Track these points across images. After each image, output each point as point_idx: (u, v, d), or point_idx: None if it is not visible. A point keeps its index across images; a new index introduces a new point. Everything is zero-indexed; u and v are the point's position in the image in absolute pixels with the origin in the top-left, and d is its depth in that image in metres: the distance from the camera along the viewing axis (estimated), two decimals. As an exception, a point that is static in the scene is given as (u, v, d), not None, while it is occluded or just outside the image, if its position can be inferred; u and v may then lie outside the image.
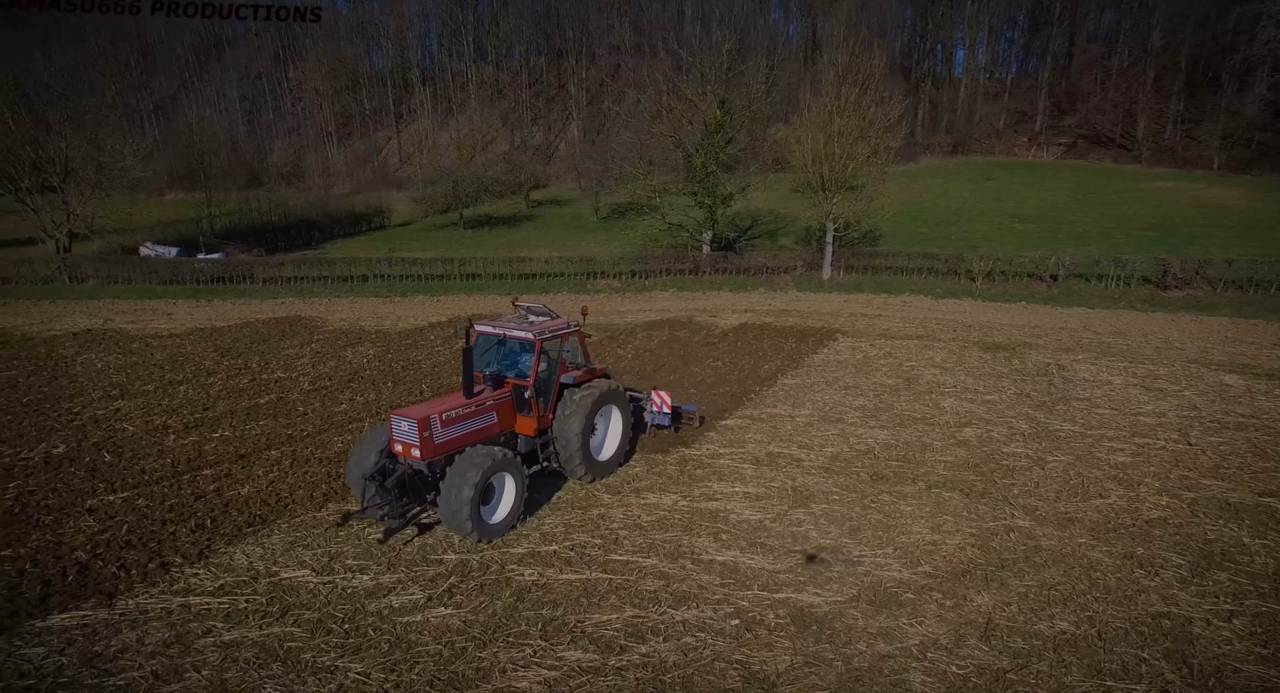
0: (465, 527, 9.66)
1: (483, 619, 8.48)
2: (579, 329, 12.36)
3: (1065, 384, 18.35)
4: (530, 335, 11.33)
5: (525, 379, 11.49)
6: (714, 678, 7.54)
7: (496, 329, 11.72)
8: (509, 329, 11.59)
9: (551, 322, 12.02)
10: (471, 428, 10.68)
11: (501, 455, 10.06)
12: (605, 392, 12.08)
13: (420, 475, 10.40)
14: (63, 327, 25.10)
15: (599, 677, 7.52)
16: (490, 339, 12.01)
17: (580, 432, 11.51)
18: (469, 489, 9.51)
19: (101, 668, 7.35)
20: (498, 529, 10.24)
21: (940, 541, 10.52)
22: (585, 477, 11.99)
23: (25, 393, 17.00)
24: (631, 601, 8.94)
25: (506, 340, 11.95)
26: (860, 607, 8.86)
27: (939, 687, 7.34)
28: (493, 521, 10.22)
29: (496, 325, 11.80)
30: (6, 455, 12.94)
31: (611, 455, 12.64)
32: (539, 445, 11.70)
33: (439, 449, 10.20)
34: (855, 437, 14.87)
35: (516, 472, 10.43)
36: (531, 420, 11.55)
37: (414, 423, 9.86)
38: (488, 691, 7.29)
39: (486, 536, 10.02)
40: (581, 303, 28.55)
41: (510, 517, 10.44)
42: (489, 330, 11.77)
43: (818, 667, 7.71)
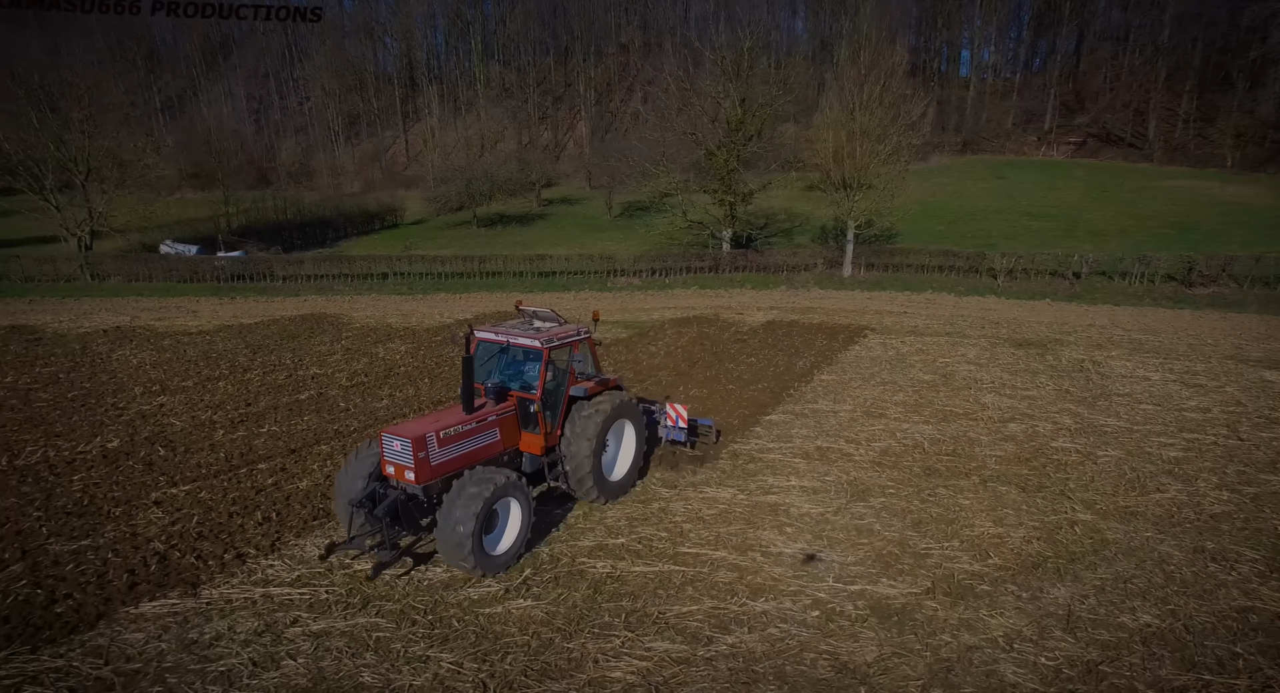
0: (466, 561, 8.57)
1: (564, 611, 8.50)
2: (589, 336, 11.19)
3: (1103, 380, 18.34)
4: (537, 343, 10.16)
5: (531, 392, 10.37)
6: (805, 668, 7.55)
7: (499, 336, 10.60)
8: (513, 336, 10.48)
9: (560, 328, 10.89)
10: (472, 447, 9.61)
11: (505, 479, 8.96)
12: (618, 405, 10.93)
13: (415, 501, 9.12)
14: (91, 324, 25.12)
15: (690, 667, 7.53)
16: (491, 347, 10.88)
17: (592, 450, 10.41)
18: (470, 518, 8.44)
19: (200, 654, 7.39)
20: (502, 561, 9.10)
21: (1004, 534, 10.53)
22: (597, 499, 10.91)
23: (69, 388, 17.02)
24: (708, 592, 8.95)
25: (510, 348, 10.86)
26: (937, 599, 8.87)
27: (1031, 678, 7.35)
28: (496, 552, 9.09)
29: (499, 332, 10.67)
30: (65, 449, 12.96)
31: (625, 475, 11.49)
32: (546, 464, 10.68)
33: (436, 471, 9.12)
34: (901, 432, 14.87)
35: (523, 497, 9.33)
36: (538, 438, 10.47)
37: (408, 442, 8.78)
38: (582, 681, 7.30)
39: (489, 569, 8.88)
40: (601, 302, 28.69)
41: (516, 546, 9.35)
42: (490, 337, 10.63)
43: (906, 657, 7.72)
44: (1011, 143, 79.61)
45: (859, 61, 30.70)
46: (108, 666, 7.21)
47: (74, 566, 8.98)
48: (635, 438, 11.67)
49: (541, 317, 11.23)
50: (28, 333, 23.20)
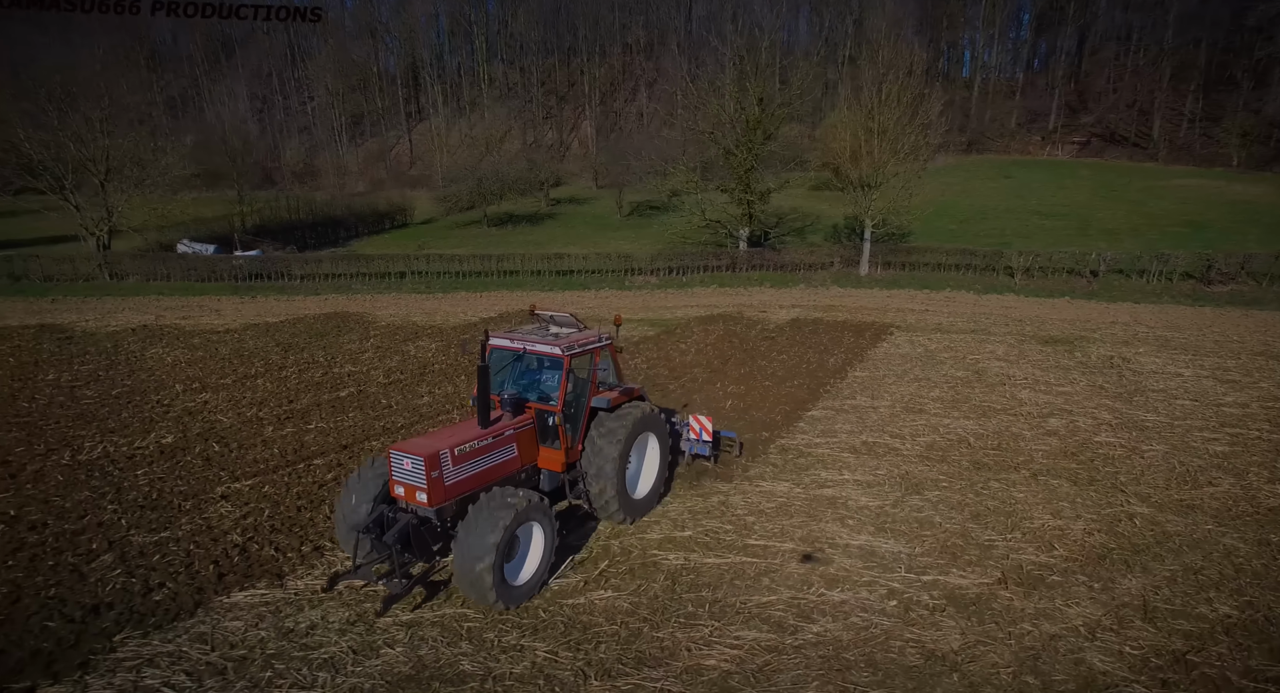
0: (487, 595, 7.79)
1: (646, 601, 8.60)
2: (611, 343, 10.41)
3: (1135, 376, 18.49)
4: (558, 350, 9.41)
5: (551, 403, 9.63)
6: (894, 656, 7.66)
7: (515, 343, 9.75)
8: (530, 343, 9.66)
9: (580, 333, 10.11)
10: (488, 464, 8.85)
11: (527, 502, 8.12)
12: (643, 417, 10.18)
13: (428, 525, 8.30)
14: (117, 322, 25.15)
15: (781, 655, 7.63)
16: (504, 355, 10.03)
17: (616, 466, 9.65)
18: (490, 548, 7.60)
19: (299, 642, 7.48)
20: (524, 592, 8.30)
21: (1064, 526, 10.65)
22: (622, 520, 10.14)
23: (111, 386, 17.07)
24: (784, 583, 9.06)
25: (525, 356, 10.08)
26: (1010, 589, 8.98)
27: (1120, 666, 7.46)
28: (518, 582, 8.26)
29: (515, 338, 9.84)
30: (122, 445, 13.03)
31: (648, 492, 10.78)
32: (566, 482, 9.96)
33: (450, 492, 8.36)
34: (943, 427, 14.99)
35: (547, 521, 8.49)
36: (558, 453, 9.69)
37: (420, 460, 8.00)
38: (678, 668, 7.40)
39: (510, 601, 8.08)
40: (622, 300, 28.83)
41: (539, 574, 8.50)
42: (505, 344, 9.80)
43: (991, 645, 7.83)
44: (1016, 142, 80.00)
45: (877, 61, 30.79)
46: (214, 652, 7.32)
47: (159, 556, 9.07)
48: (659, 452, 10.92)
49: (560, 321, 10.42)
50: (58, 332, 23.23)
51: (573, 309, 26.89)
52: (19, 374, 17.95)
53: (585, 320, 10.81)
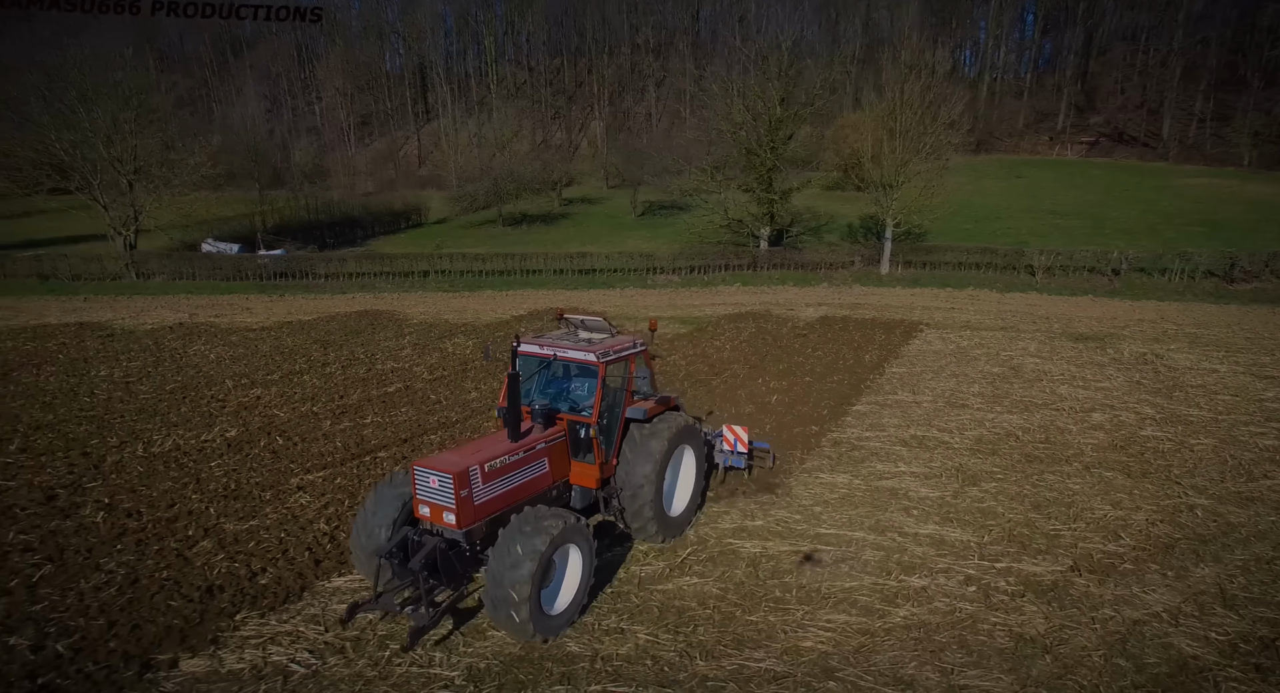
0: (524, 628, 7.08)
1: (733, 587, 8.81)
2: (646, 349, 9.76)
3: (1171, 373, 18.70)
4: (592, 357, 8.73)
5: (583, 413, 9.00)
6: (984, 638, 7.86)
7: (545, 348, 9.09)
8: (561, 349, 9.02)
9: (614, 339, 9.45)
10: (519, 481, 8.17)
11: (564, 523, 7.39)
12: (681, 429, 9.51)
13: (456, 548, 7.57)
14: (152, 320, 25.38)
15: (874, 637, 7.84)
16: (530, 361, 9.33)
17: (654, 482, 8.98)
18: (525, 576, 6.91)
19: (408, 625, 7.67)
20: (561, 621, 7.59)
21: (1126, 517, 10.85)
22: (659, 540, 9.49)
23: (164, 381, 17.29)
24: (863, 570, 9.27)
25: (553, 363, 9.47)
26: (1084, 576, 9.18)
27: (1209, 651, 7.65)
28: (554, 611, 7.55)
29: (545, 343, 9.20)
30: (190, 438, 13.25)
31: (684, 509, 10.06)
32: (601, 499, 9.32)
33: (480, 512, 7.66)
34: (989, 421, 15.20)
35: (585, 544, 7.79)
36: (592, 468, 9.01)
37: (448, 478, 7.28)
38: (778, 649, 7.61)
39: (546, 632, 7.35)
40: (647, 299, 29.01)
41: (577, 600, 7.79)
42: (535, 350, 9.11)
43: (1077, 629, 8.03)
44: (1025, 142, 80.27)
45: (900, 61, 31.01)
46: (328, 632, 7.54)
47: (254, 543, 9.29)
48: (695, 466, 10.23)
49: (591, 326, 9.71)
50: (98, 329, 23.46)
51: (600, 308, 27.26)
52: (72, 370, 18.19)
53: (616, 323, 10.44)
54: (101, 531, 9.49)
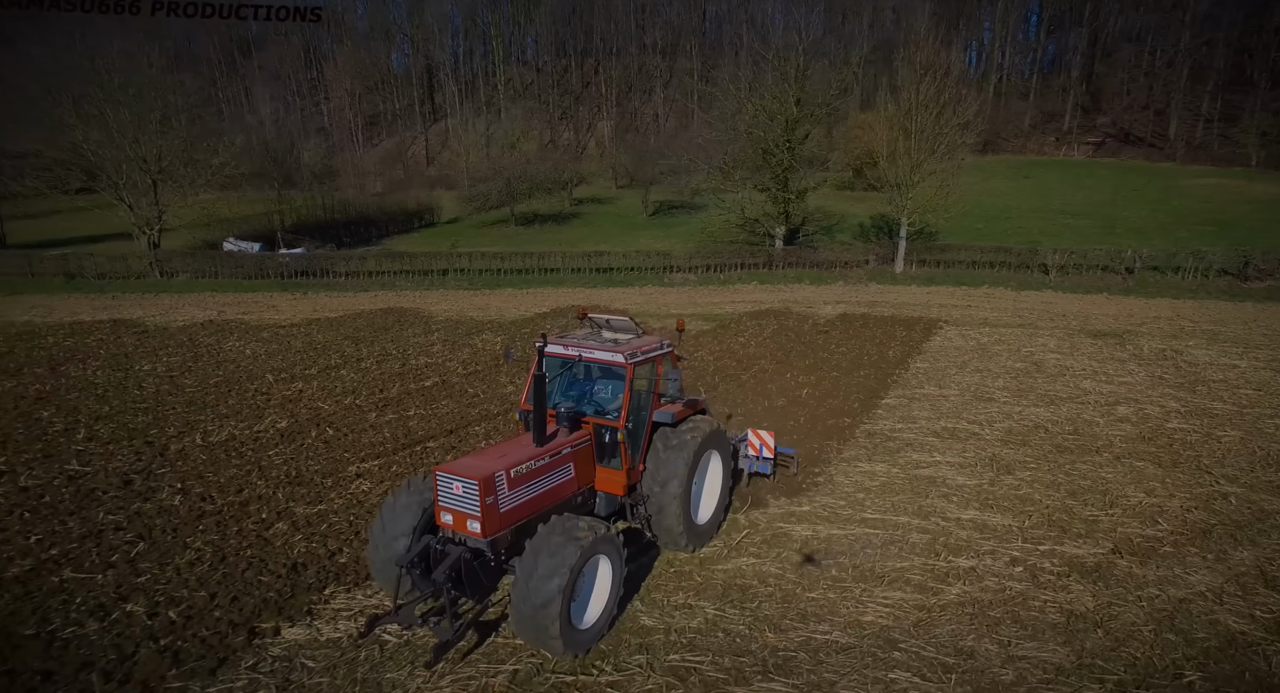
0: (552, 644, 6.74)
1: (790, 567, 9.17)
2: (673, 350, 9.45)
3: (1191, 368, 19.03)
4: (620, 358, 8.38)
5: (613, 417, 8.62)
6: (1036, 614, 8.22)
7: (570, 349, 8.72)
8: (588, 349, 8.67)
9: (641, 340, 9.11)
10: (545, 487, 7.84)
11: (594, 534, 7.07)
12: (709, 434, 9.24)
13: (481, 558, 7.27)
14: (182, 318, 25.76)
15: (931, 612, 8.20)
16: (553, 362, 8.90)
17: (683, 488, 8.68)
18: (555, 591, 6.57)
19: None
20: (590, 636, 7.21)
21: (1161, 504, 11.19)
22: (687, 549, 9.19)
23: (206, 375, 17.67)
24: (912, 551, 9.62)
25: (576, 365, 9.16)
26: (1125, 558, 9.53)
27: (1255, 627, 7.98)
28: (583, 625, 7.18)
29: (570, 344, 8.84)
30: (244, 429, 13.62)
31: (711, 516, 9.74)
32: (627, 506, 8.96)
33: (505, 520, 7.33)
34: (1016, 414, 15.54)
35: (616, 554, 7.49)
36: (618, 474, 8.70)
37: (473, 484, 6.97)
38: (841, 623, 7.97)
39: (576, 647, 7.00)
40: (667, 298, 29.25)
41: (606, 614, 7.45)
42: (560, 351, 8.72)
43: (1125, 606, 8.39)
44: (1031, 143, 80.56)
45: (915, 62, 31.38)
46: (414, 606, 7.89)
47: (326, 525, 9.66)
48: (722, 472, 9.95)
49: (616, 326, 9.38)
50: (131, 326, 23.84)
51: (620, 306, 27.60)
52: (116, 365, 18.58)
53: (640, 321, 10.28)
54: (181, 512, 9.89)
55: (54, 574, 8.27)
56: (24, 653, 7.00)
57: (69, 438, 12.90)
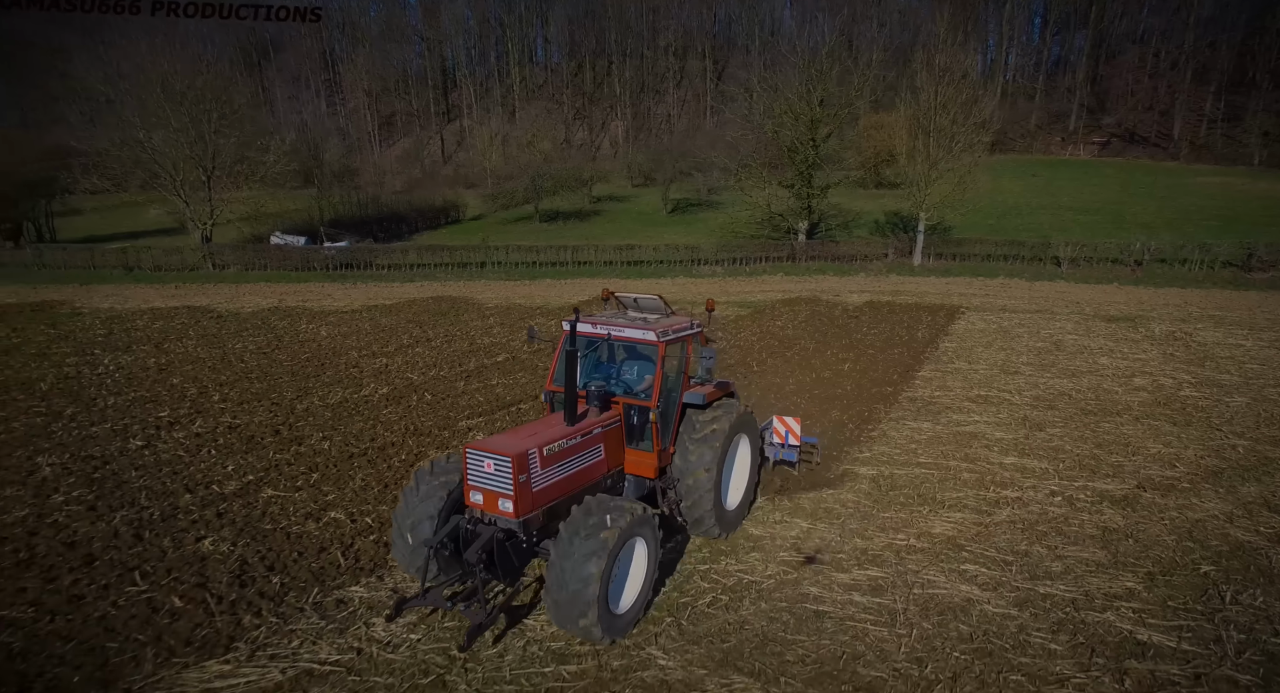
0: (591, 629, 6.46)
1: (864, 496, 10.73)
2: (703, 330, 9.19)
3: (1200, 347, 20.59)
4: (653, 336, 8.12)
5: (645, 397, 8.44)
6: (1076, 529, 9.78)
7: (599, 328, 8.44)
8: (618, 327, 8.40)
9: (670, 319, 8.89)
10: (576, 467, 7.64)
11: (632, 515, 6.85)
12: (739, 418, 9.04)
13: (513, 539, 7.09)
14: (246, 305, 27.38)
15: (988, 528, 9.76)
16: (580, 343, 8.40)
17: (714, 472, 8.46)
18: (594, 572, 6.33)
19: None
20: (626, 621, 7.01)
21: (1177, 453, 12.74)
22: (717, 534, 8.94)
23: (295, 353, 19.30)
24: (964, 486, 11.19)
25: (602, 345, 8.96)
26: (1149, 492, 11.08)
27: (1260, 539, 9.51)
28: (620, 609, 6.97)
29: (599, 323, 8.54)
30: (352, 394, 15.23)
31: (739, 502, 9.58)
32: (658, 490, 8.78)
33: (538, 500, 7.12)
34: (1041, 384, 17.12)
35: (653, 536, 7.28)
36: (649, 457, 8.50)
37: (506, 461, 6.73)
38: (913, 533, 9.53)
39: (613, 632, 6.76)
40: (700, 287, 30.82)
41: (642, 599, 7.27)
42: (588, 330, 8.42)
43: (1150, 524, 9.95)
44: (1038, 143, 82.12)
45: (935, 66, 32.96)
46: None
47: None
48: (751, 456, 9.83)
49: (645, 305, 9.12)
50: (205, 312, 25.48)
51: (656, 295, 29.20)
52: (211, 343, 20.22)
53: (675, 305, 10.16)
54: (333, 454, 11.51)
55: (259, 493, 9.92)
56: (272, 541, 8.71)
57: (207, 399, 14.54)
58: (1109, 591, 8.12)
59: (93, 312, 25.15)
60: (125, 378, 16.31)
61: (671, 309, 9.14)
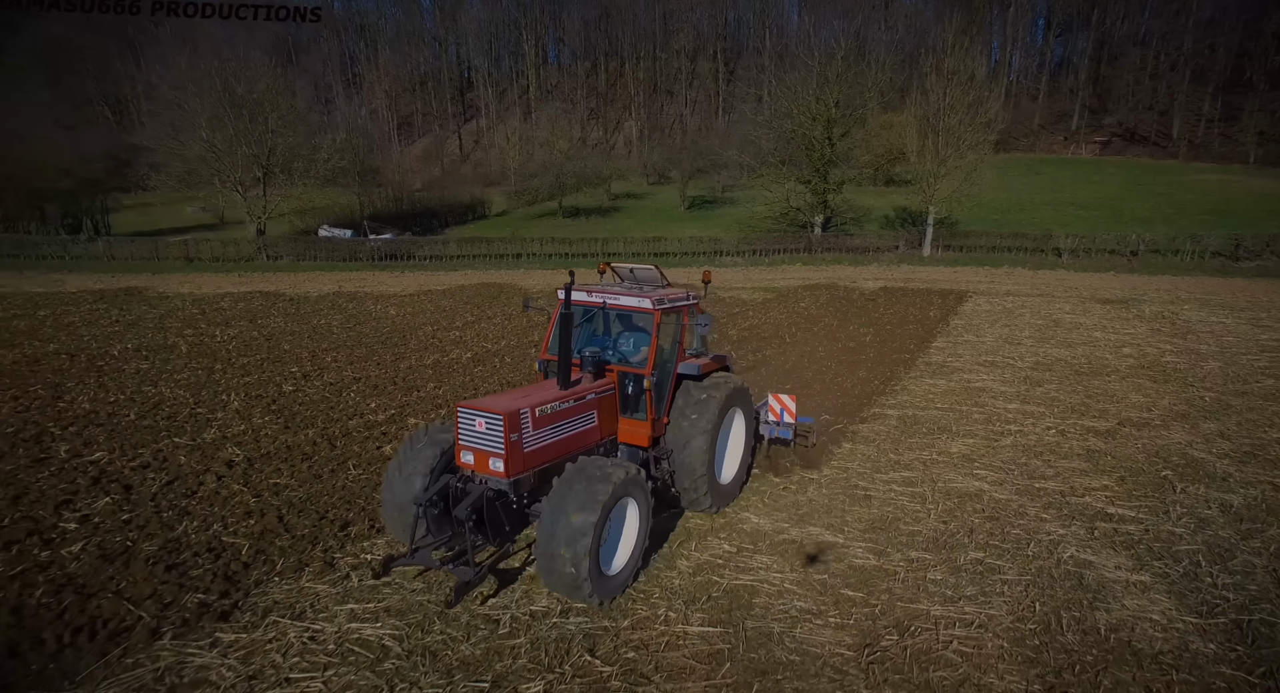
0: (581, 588, 6.44)
1: (892, 429, 13.09)
2: (699, 302, 9.14)
3: (1185, 324, 22.91)
4: (648, 304, 8.12)
5: (640, 365, 8.41)
6: (1066, 449, 12.11)
7: (594, 296, 8.46)
8: (613, 296, 8.40)
9: (667, 289, 8.93)
10: (569, 432, 7.60)
11: (625, 473, 6.84)
12: (734, 390, 9.07)
13: (504, 499, 7.11)
14: (310, 290, 29.82)
15: (996, 448, 12.10)
16: (575, 312, 8.46)
17: (708, 443, 8.47)
18: (587, 528, 6.33)
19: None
20: (618, 583, 7.03)
21: (1153, 401, 15.07)
22: (709, 508, 8.92)
23: (375, 327, 21.70)
24: (974, 423, 13.52)
25: (598, 316, 8.99)
26: (1127, 428, 13.39)
27: (1213, 456, 11.81)
28: (611, 571, 6.98)
29: (594, 291, 8.54)
30: (440, 358, 17.50)
31: (734, 476, 9.63)
32: (650, 460, 8.63)
33: (529, 461, 7.10)
34: (1041, 352, 19.45)
35: (644, 498, 7.29)
36: (642, 425, 8.44)
37: (497, 419, 6.72)
38: (935, 452, 11.89)
39: (604, 594, 6.77)
40: (725, 275, 33.30)
41: (633, 563, 7.24)
42: (583, 298, 8.45)
43: (1126, 448, 12.25)
44: (1041, 142, 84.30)
45: (944, 69, 35.29)
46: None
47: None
48: (745, 431, 9.82)
49: (641, 275, 9.11)
50: (275, 296, 27.93)
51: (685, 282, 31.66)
52: (296, 320, 22.65)
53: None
54: (448, 398, 13.88)
55: (404, 420, 12.33)
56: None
57: (321, 360, 16.98)
58: (1089, 486, 10.48)
59: (176, 296, 27.62)
60: (243, 345, 18.76)
61: (668, 281, 9.17)
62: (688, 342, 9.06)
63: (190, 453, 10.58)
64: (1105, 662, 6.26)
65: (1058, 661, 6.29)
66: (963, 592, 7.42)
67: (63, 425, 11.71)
